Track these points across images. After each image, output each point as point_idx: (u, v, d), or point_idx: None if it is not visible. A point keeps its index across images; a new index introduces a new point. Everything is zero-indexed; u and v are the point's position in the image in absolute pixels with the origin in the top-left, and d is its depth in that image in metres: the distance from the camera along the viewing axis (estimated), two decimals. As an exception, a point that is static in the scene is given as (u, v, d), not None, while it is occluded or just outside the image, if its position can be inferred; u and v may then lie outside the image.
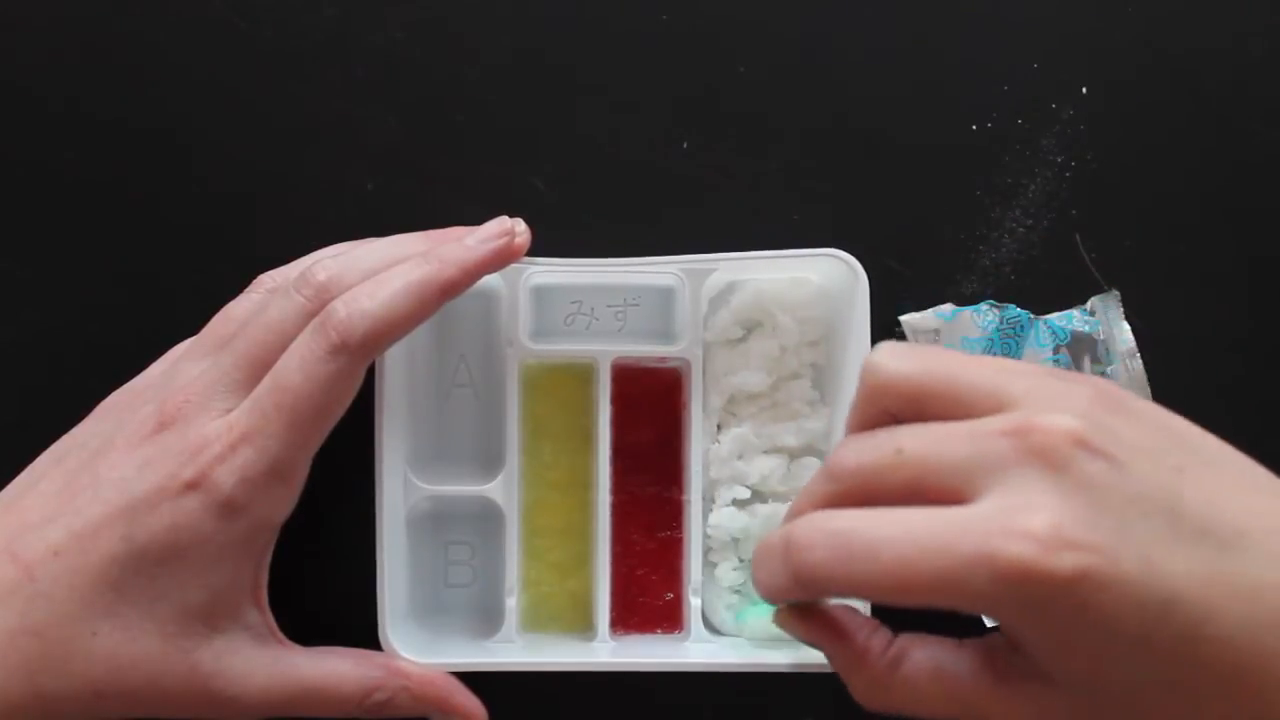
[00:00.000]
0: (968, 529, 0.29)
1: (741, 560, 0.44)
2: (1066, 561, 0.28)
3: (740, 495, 0.43)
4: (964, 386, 0.32)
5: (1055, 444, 0.30)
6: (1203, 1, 0.45)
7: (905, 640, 0.34)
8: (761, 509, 0.43)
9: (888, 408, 0.33)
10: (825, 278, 0.43)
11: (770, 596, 0.34)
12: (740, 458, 0.43)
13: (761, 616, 0.42)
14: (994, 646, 0.33)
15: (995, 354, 0.45)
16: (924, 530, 0.30)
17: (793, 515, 0.34)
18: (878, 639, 0.34)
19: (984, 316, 0.44)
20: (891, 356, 0.33)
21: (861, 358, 0.41)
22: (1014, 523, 0.29)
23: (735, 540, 0.44)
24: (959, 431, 0.31)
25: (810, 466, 0.44)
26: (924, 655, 0.33)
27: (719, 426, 0.44)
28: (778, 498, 0.44)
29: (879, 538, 0.30)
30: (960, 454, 0.30)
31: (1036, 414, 0.30)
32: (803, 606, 0.35)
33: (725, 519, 0.43)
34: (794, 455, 0.44)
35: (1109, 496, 0.29)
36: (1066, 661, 0.31)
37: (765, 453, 0.44)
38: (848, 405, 0.42)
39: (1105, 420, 0.30)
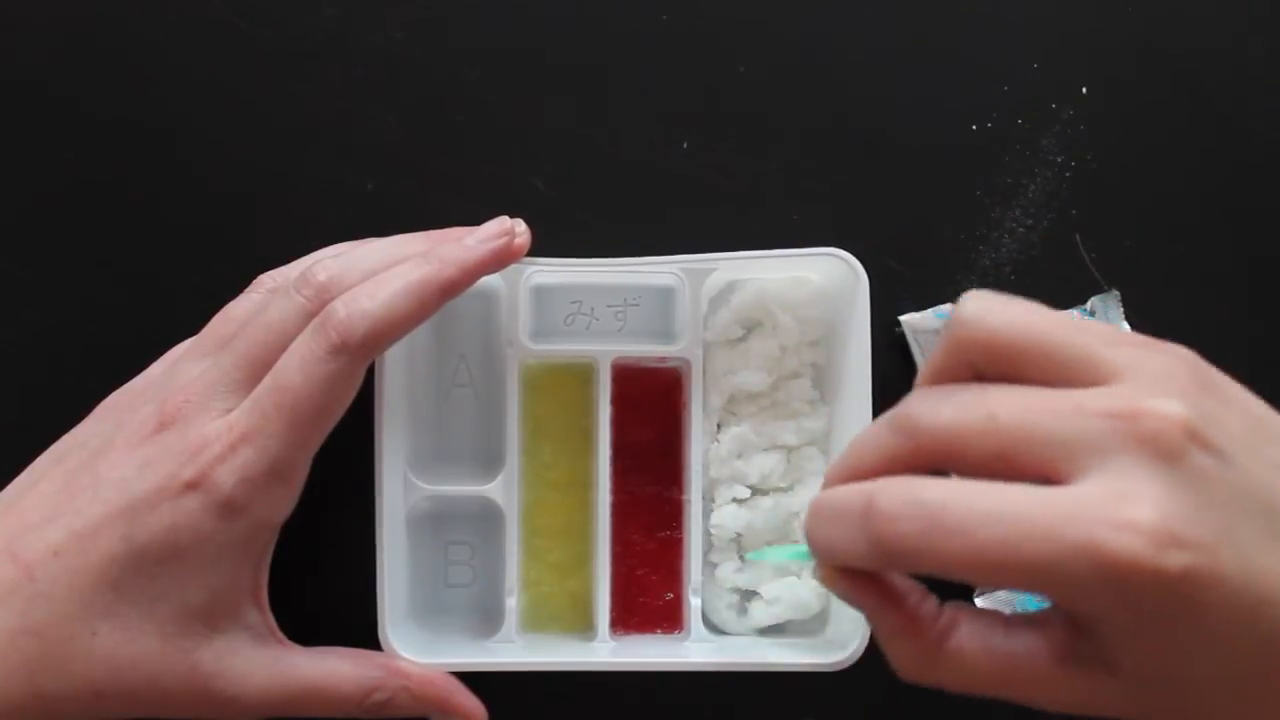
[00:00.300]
0: (1072, 515, 0.28)
1: (743, 560, 0.44)
2: (1175, 560, 0.27)
3: (740, 495, 0.43)
4: (1063, 350, 0.30)
5: (1168, 433, 0.28)
6: (1203, 1, 0.45)
7: (955, 610, 0.32)
8: (763, 502, 0.43)
9: (974, 362, 0.31)
10: (825, 277, 0.43)
11: (836, 559, 0.31)
12: (740, 457, 0.43)
13: (782, 559, 0.41)
14: (1051, 627, 0.31)
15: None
16: (1024, 511, 0.28)
17: (850, 473, 0.31)
18: (928, 606, 0.32)
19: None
20: (988, 307, 0.30)
21: (863, 357, 0.42)
22: (1121, 513, 0.27)
23: (738, 537, 0.44)
24: (1061, 404, 0.29)
25: (811, 458, 0.44)
26: (976, 629, 0.31)
27: (719, 426, 0.44)
28: (779, 493, 0.44)
29: (975, 515, 0.28)
30: (1062, 429, 0.29)
31: (1147, 397, 0.28)
32: (848, 571, 0.32)
33: (727, 517, 0.43)
34: (793, 453, 0.44)
35: (1215, 492, 0.28)
36: (1144, 655, 0.29)
37: (765, 451, 0.44)
38: (848, 405, 0.42)
39: (1208, 406, 0.29)
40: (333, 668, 0.39)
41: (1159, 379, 0.29)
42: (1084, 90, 0.45)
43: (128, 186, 0.44)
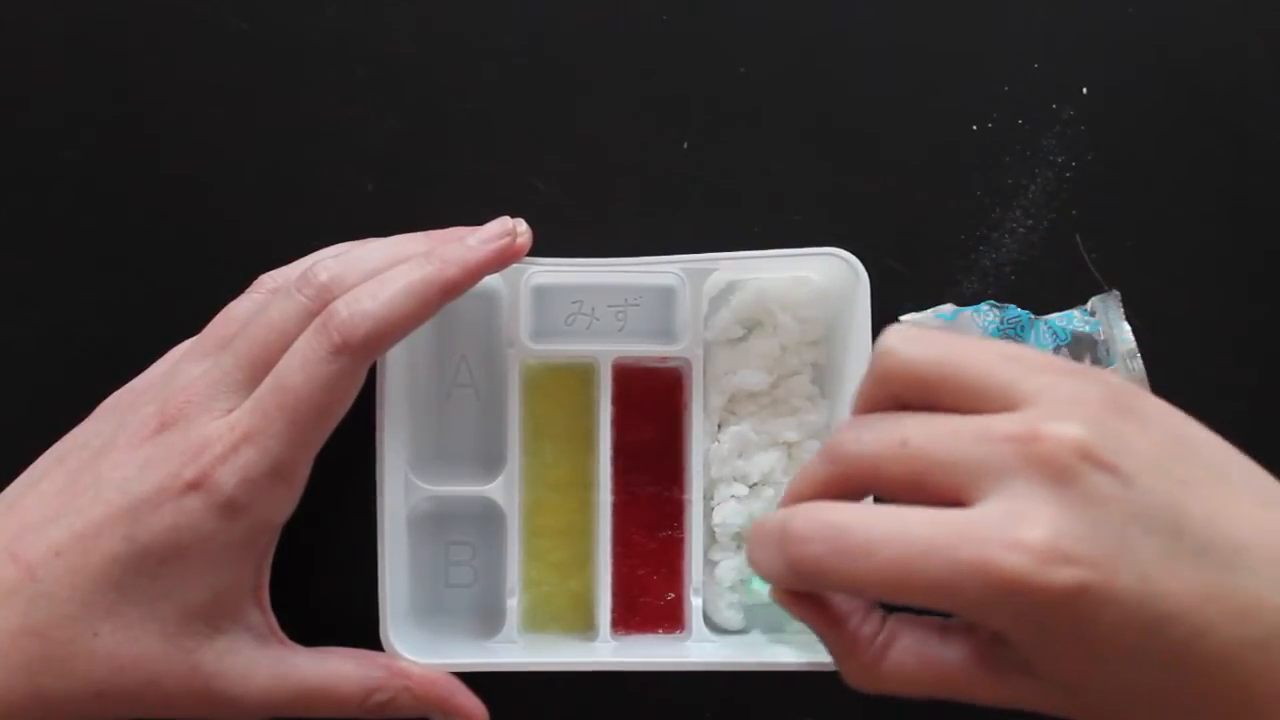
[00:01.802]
0: (965, 535, 0.29)
1: (740, 551, 0.44)
2: (1062, 576, 0.28)
3: (739, 493, 0.43)
4: (976, 379, 0.31)
5: (1061, 455, 0.29)
6: (1203, 2, 0.45)
7: (894, 624, 0.33)
8: (765, 492, 0.44)
9: (896, 393, 0.32)
10: (826, 277, 0.43)
11: (767, 579, 0.33)
12: (741, 456, 0.43)
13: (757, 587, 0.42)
14: (981, 635, 0.32)
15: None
16: (922, 533, 0.29)
17: (791, 498, 0.34)
18: (869, 625, 0.33)
19: (984, 316, 0.44)
20: (904, 341, 0.32)
21: (863, 357, 0.42)
22: (1012, 533, 0.29)
23: (740, 535, 0.44)
24: (966, 429, 0.30)
25: (811, 452, 0.44)
26: (911, 641, 0.33)
27: (720, 426, 0.44)
28: (781, 488, 0.44)
29: (875, 536, 0.30)
30: (965, 454, 0.30)
31: (1045, 420, 0.30)
32: (797, 593, 0.34)
33: (729, 514, 0.43)
34: (794, 448, 0.44)
35: (1111, 511, 0.29)
36: (1055, 667, 0.31)
37: (766, 449, 0.44)
38: (848, 404, 0.42)
39: (1115, 427, 0.30)
40: (334, 668, 0.39)
41: (1066, 403, 0.30)
42: (1084, 90, 0.45)
43: (128, 186, 0.44)
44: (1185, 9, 0.45)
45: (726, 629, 0.44)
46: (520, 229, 0.40)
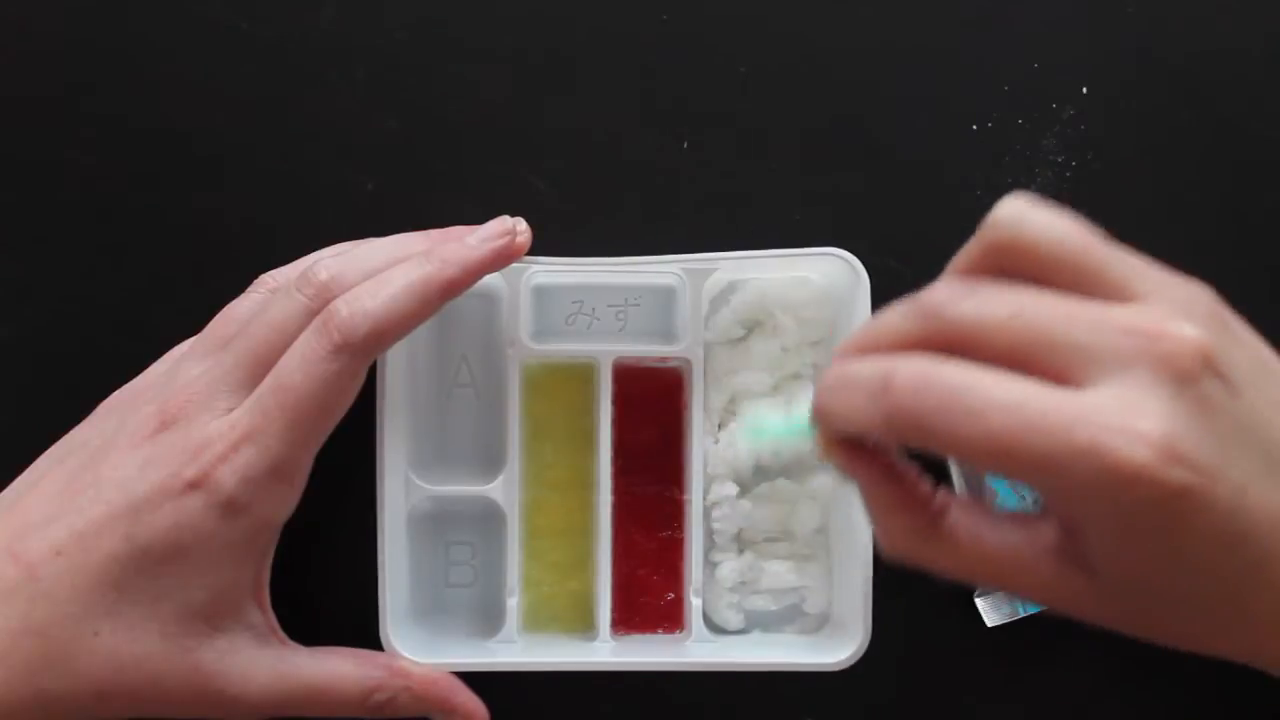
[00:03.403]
0: (1083, 417, 0.28)
1: (741, 552, 0.44)
2: (1174, 476, 0.28)
3: (730, 492, 0.43)
4: (1094, 265, 0.30)
5: (1183, 355, 0.29)
6: (1203, 2, 0.45)
7: (948, 494, 0.32)
8: (765, 491, 0.44)
9: (1004, 265, 0.31)
10: (826, 277, 0.43)
11: (845, 427, 0.31)
12: (741, 456, 0.43)
13: (781, 434, 0.42)
14: (1039, 525, 0.32)
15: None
16: (1038, 405, 0.28)
17: (874, 345, 0.32)
18: (924, 484, 0.32)
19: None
20: (1029, 211, 0.31)
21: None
22: (1130, 422, 0.28)
23: (740, 532, 0.44)
24: (1084, 313, 0.30)
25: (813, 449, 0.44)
26: (968, 515, 0.32)
27: (720, 426, 0.44)
28: (782, 483, 0.44)
29: (991, 401, 0.29)
30: (1082, 336, 0.29)
31: (1169, 319, 0.29)
32: (853, 439, 0.33)
33: (729, 511, 0.43)
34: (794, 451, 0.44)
35: (1221, 420, 0.29)
36: (1124, 564, 0.30)
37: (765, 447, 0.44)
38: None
39: (1224, 339, 0.30)
40: (334, 667, 0.39)
41: (1182, 305, 0.30)
42: (1084, 90, 0.45)
43: (128, 186, 0.44)
44: (1185, 9, 0.45)
45: (726, 629, 0.44)
46: (520, 228, 0.40)
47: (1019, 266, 0.31)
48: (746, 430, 0.43)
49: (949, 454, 0.30)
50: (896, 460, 0.33)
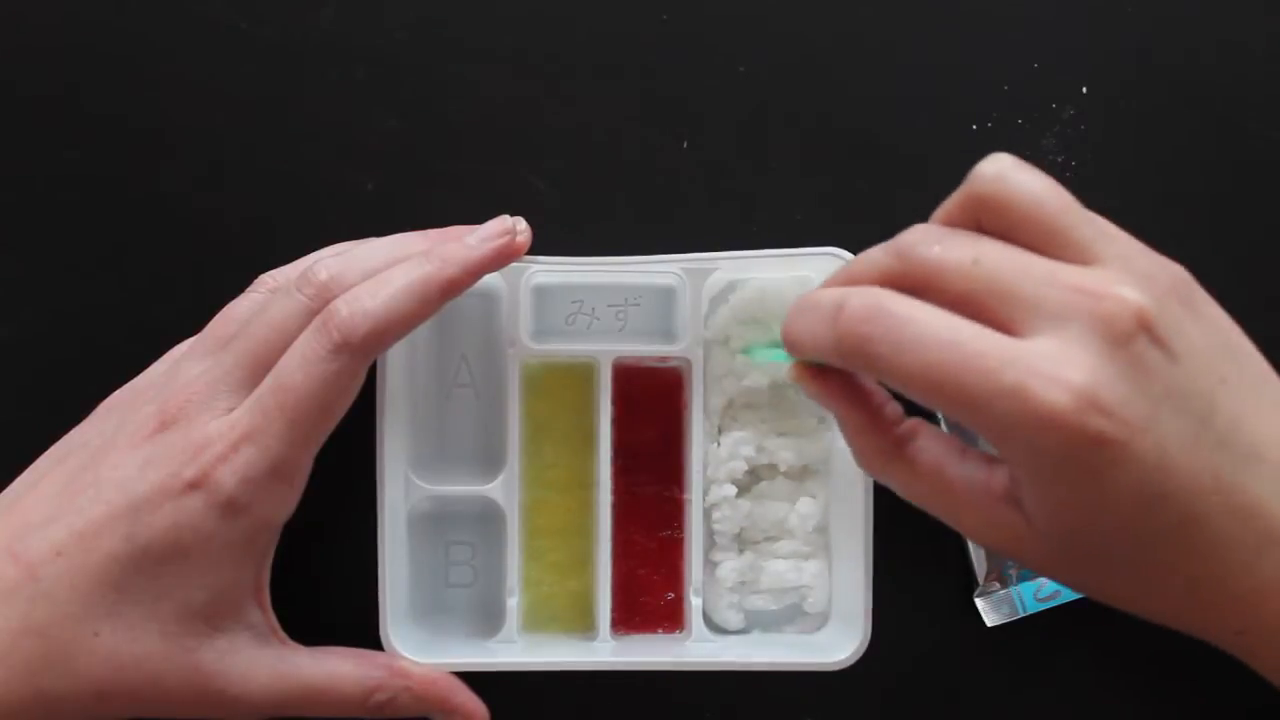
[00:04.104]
0: (1012, 359, 0.30)
1: (741, 552, 0.44)
2: (1091, 424, 0.29)
3: (728, 493, 0.43)
4: (1064, 226, 0.32)
5: (1122, 317, 0.30)
6: (1203, 2, 0.45)
7: (918, 422, 0.35)
8: (765, 489, 0.44)
9: (979, 218, 0.33)
10: (826, 277, 0.43)
11: (797, 350, 0.34)
12: (740, 455, 0.43)
13: (768, 360, 0.42)
14: (996, 467, 0.34)
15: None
16: (972, 345, 0.30)
17: (845, 279, 0.34)
18: (892, 409, 0.35)
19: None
20: (1008, 170, 0.33)
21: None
22: (1056, 370, 0.30)
23: (740, 532, 0.44)
24: (1038, 267, 0.31)
25: (812, 452, 0.44)
26: (933, 444, 0.34)
27: (719, 426, 0.44)
28: (782, 481, 0.44)
29: (930, 335, 0.31)
30: (1030, 288, 0.31)
31: (1115, 283, 0.31)
32: (821, 366, 0.35)
33: (729, 511, 0.43)
34: (794, 444, 0.44)
35: (1152, 382, 0.30)
36: (1053, 513, 0.32)
37: (765, 446, 0.44)
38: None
39: (1175, 311, 0.32)
40: (334, 668, 0.39)
41: (1139, 274, 0.31)
42: (1084, 90, 0.45)
43: (128, 186, 0.44)
44: (1185, 9, 0.45)
45: (726, 629, 0.44)
46: (520, 227, 0.40)
47: (995, 221, 0.33)
48: (743, 352, 0.43)
49: (888, 382, 0.32)
50: (865, 384, 0.35)
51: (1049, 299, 0.31)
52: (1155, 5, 0.45)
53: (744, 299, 0.43)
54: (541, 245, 0.41)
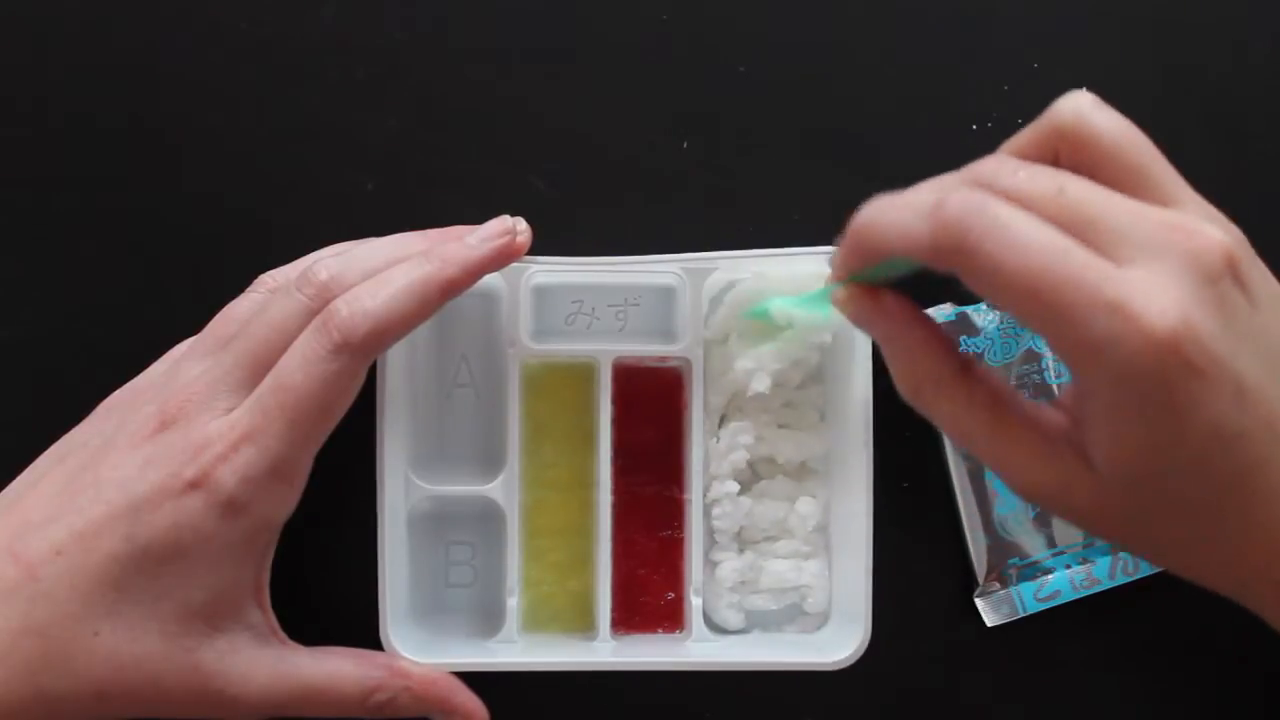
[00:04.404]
0: (1113, 279, 0.30)
1: (741, 551, 0.44)
2: (1187, 351, 0.29)
3: (730, 489, 0.43)
4: (1144, 167, 0.32)
5: (1211, 255, 0.30)
6: (1204, 2, 0.45)
7: (973, 354, 0.35)
8: (766, 489, 0.44)
9: (1057, 150, 0.33)
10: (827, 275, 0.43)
11: (879, 243, 0.33)
12: (740, 445, 0.43)
13: (796, 306, 0.41)
14: (1050, 411, 0.34)
15: (995, 354, 0.45)
16: (1077, 256, 0.30)
17: (936, 190, 0.33)
18: (948, 339, 0.35)
19: (984, 316, 0.44)
20: (1092, 106, 0.33)
21: (862, 357, 0.42)
22: (1154, 295, 0.29)
23: (740, 531, 0.44)
24: (1124, 202, 0.31)
25: (811, 451, 0.44)
26: (990, 374, 0.34)
27: (720, 424, 0.44)
28: (782, 480, 0.44)
29: (1034, 240, 0.30)
30: (1122, 220, 0.31)
31: (1203, 222, 0.31)
32: (874, 288, 0.35)
33: (729, 509, 0.43)
34: (794, 442, 0.44)
35: (1236, 323, 0.31)
36: (1123, 450, 0.31)
37: (765, 443, 0.44)
38: (848, 405, 0.42)
39: (1250, 258, 0.32)
40: (334, 668, 0.39)
41: (1216, 221, 0.32)
42: (1084, 90, 0.45)
43: (128, 186, 0.44)
44: (1185, 9, 0.45)
45: (726, 629, 0.44)
46: (520, 227, 0.40)
47: (1075, 156, 0.33)
48: (758, 309, 0.42)
49: (981, 283, 0.31)
50: (920, 310, 0.35)
51: (1139, 231, 0.31)
52: (1155, 5, 0.45)
53: (741, 294, 0.43)
54: (541, 245, 0.41)
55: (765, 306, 0.42)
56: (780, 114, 0.45)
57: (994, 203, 0.31)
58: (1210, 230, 0.31)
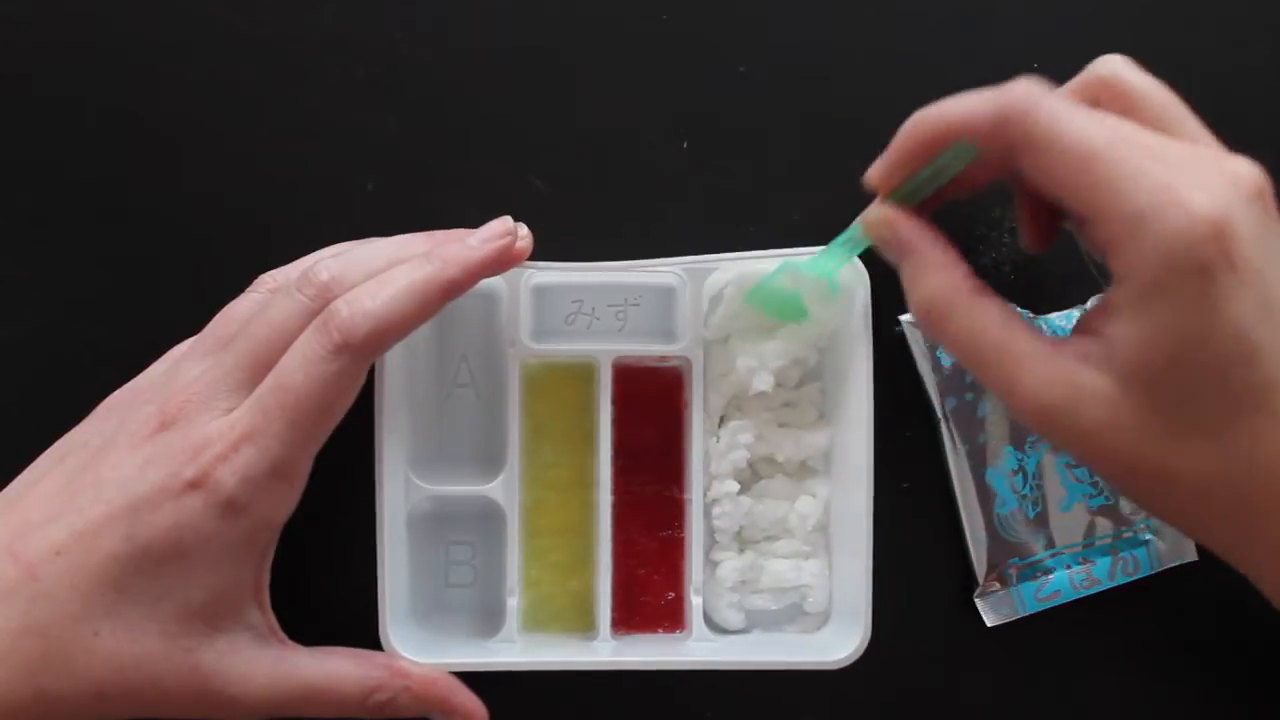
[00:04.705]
0: (1166, 163, 0.32)
1: (741, 551, 0.44)
2: (1224, 243, 0.31)
3: (730, 489, 0.43)
4: (1177, 116, 0.35)
5: (1249, 179, 0.33)
6: (1204, 2, 0.45)
7: (987, 284, 0.36)
8: (766, 488, 0.44)
9: (1101, 97, 0.36)
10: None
11: (943, 124, 0.36)
12: (740, 443, 0.43)
13: (838, 244, 0.41)
14: (1067, 339, 0.35)
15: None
16: (1135, 138, 0.33)
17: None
18: (965, 261, 0.37)
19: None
20: (1132, 65, 0.36)
21: (863, 357, 0.42)
22: (1203, 187, 0.32)
23: (740, 531, 0.44)
24: (1166, 140, 0.34)
25: (812, 445, 0.44)
26: (1002, 303, 0.36)
27: (720, 424, 0.44)
28: (781, 471, 0.44)
29: (1093, 119, 0.34)
30: (1167, 151, 0.33)
31: (1237, 158, 0.34)
32: (902, 208, 0.37)
33: (730, 509, 0.43)
34: (794, 441, 0.44)
35: (1268, 239, 0.32)
36: (1149, 341, 0.32)
37: (765, 441, 0.44)
38: (849, 405, 0.42)
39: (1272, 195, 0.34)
40: (334, 668, 0.39)
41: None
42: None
43: (128, 186, 0.44)
44: (1185, 9, 0.45)
45: (727, 628, 0.44)
46: (521, 231, 0.40)
47: (1114, 101, 0.35)
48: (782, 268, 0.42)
49: (1037, 154, 0.33)
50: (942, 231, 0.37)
51: (1183, 155, 0.33)
52: (1155, 6, 0.45)
53: (739, 292, 0.43)
54: (542, 245, 0.41)
55: (771, 278, 0.42)
56: (780, 114, 0.45)
57: (1054, 95, 0.34)
58: (1244, 163, 0.33)
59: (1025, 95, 0.34)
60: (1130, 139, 0.33)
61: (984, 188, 0.38)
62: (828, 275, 0.41)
